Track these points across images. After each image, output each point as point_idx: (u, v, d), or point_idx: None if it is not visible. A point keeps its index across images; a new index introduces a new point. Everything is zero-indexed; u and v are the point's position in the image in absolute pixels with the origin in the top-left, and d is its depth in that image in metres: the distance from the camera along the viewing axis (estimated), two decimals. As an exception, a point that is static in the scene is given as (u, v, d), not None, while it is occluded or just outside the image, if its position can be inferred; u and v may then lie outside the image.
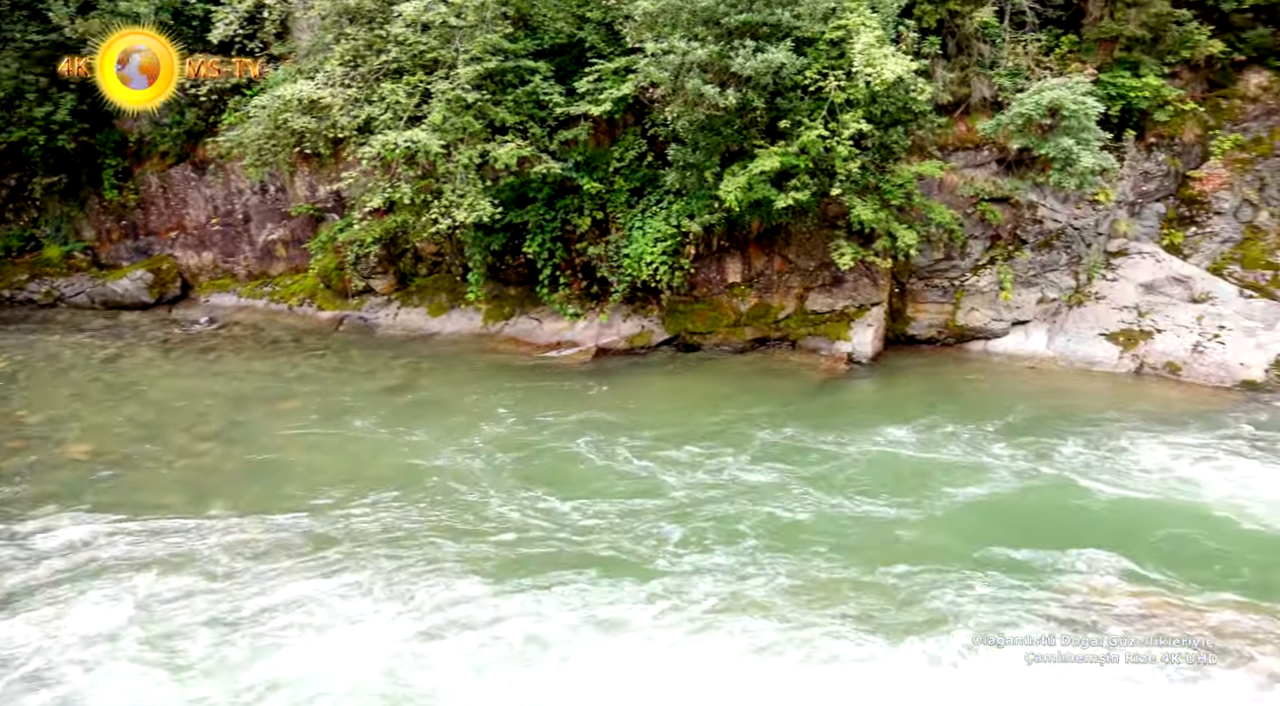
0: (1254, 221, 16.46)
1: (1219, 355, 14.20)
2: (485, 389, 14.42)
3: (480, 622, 8.18)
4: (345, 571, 9.04)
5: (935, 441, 12.06)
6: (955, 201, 15.14)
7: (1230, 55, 16.39)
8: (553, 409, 13.41)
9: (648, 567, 9.06)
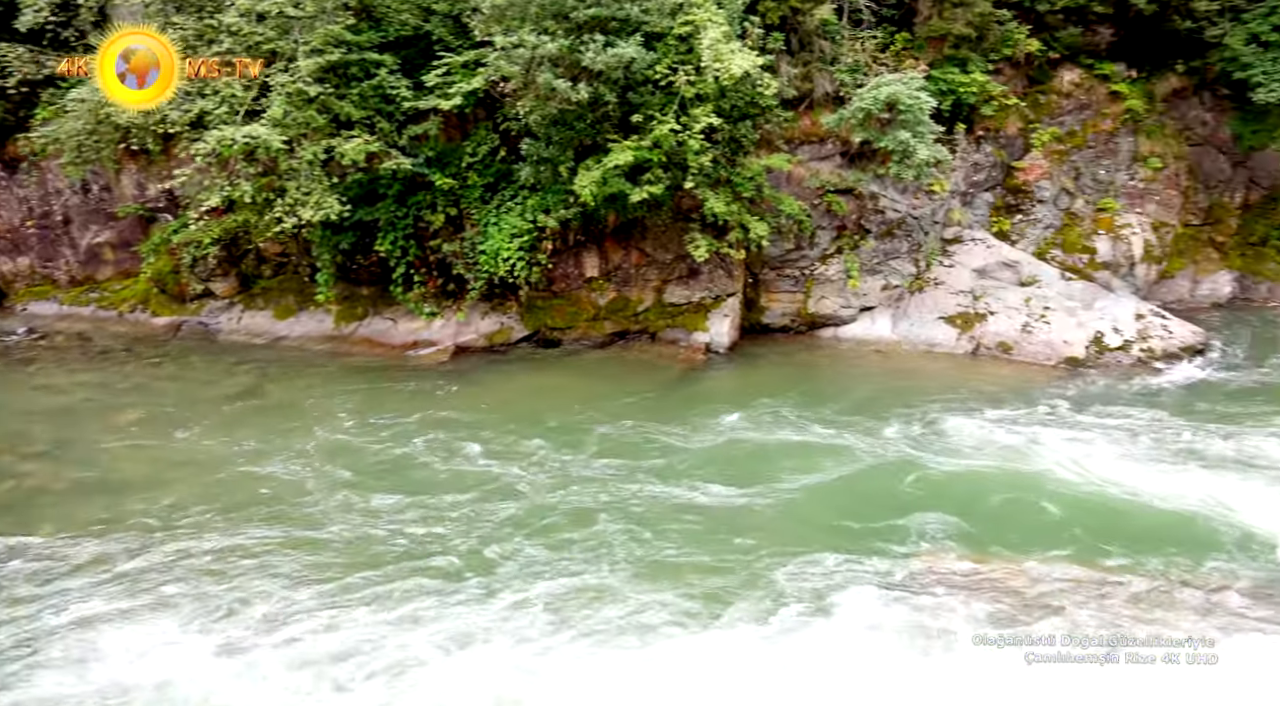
0: (1071, 208, 17.72)
1: (1045, 334, 15.24)
2: (333, 393, 13.95)
3: (308, 636, 7.92)
4: (166, 588, 8.64)
5: (787, 425, 12.44)
6: (803, 193, 15.64)
7: (1046, 53, 17.57)
8: (401, 411, 13.12)
9: (484, 567, 8.99)
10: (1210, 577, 8.47)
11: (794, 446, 11.82)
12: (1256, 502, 9.69)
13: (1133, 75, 18.17)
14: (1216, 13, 17.15)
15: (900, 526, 9.60)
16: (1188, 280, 18.14)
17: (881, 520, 9.77)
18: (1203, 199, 18.69)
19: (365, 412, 13.10)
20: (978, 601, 8.19)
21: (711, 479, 10.83)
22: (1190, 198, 18.44)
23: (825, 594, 8.37)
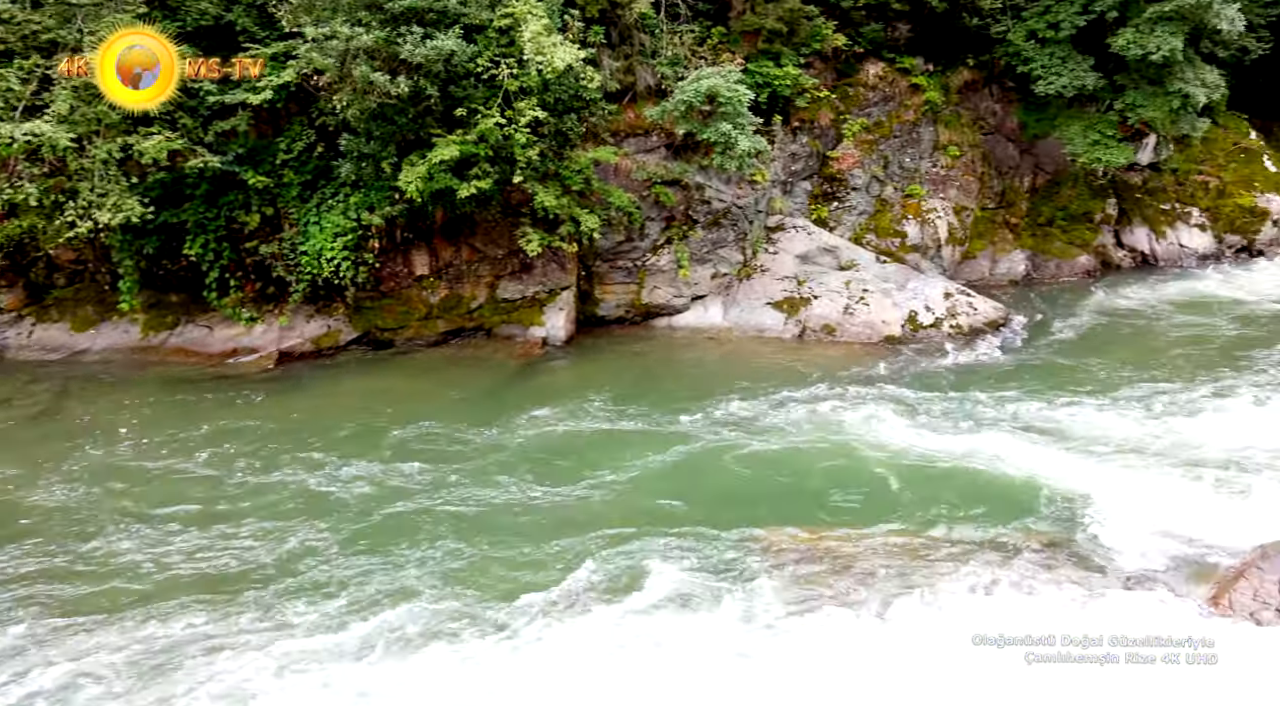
0: (882, 195, 18.74)
1: (865, 315, 16.05)
2: (133, 407, 12.96)
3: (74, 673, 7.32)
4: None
5: (622, 415, 12.55)
6: (631, 185, 15.80)
7: (852, 48, 18.49)
8: (200, 423, 12.30)
9: (263, 581, 8.58)
10: (1016, 534, 9.13)
11: (629, 435, 11.93)
12: (1057, 464, 10.53)
13: (930, 69, 19.39)
14: (1000, 11, 18.53)
15: (733, 507, 9.87)
16: (987, 260, 19.53)
17: (714, 502, 10.03)
18: (997, 184, 20.18)
19: (158, 427, 12.20)
20: (815, 574, 8.48)
21: (543, 473, 10.77)
22: (986, 183, 19.87)
23: (651, 580, 8.42)
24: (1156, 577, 8.16)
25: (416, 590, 8.35)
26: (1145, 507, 9.34)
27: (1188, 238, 21.05)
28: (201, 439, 11.82)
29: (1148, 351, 14.90)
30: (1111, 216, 20.69)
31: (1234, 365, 13.87)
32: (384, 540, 9.29)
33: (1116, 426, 11.56)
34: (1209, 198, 21.56)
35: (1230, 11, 16.59)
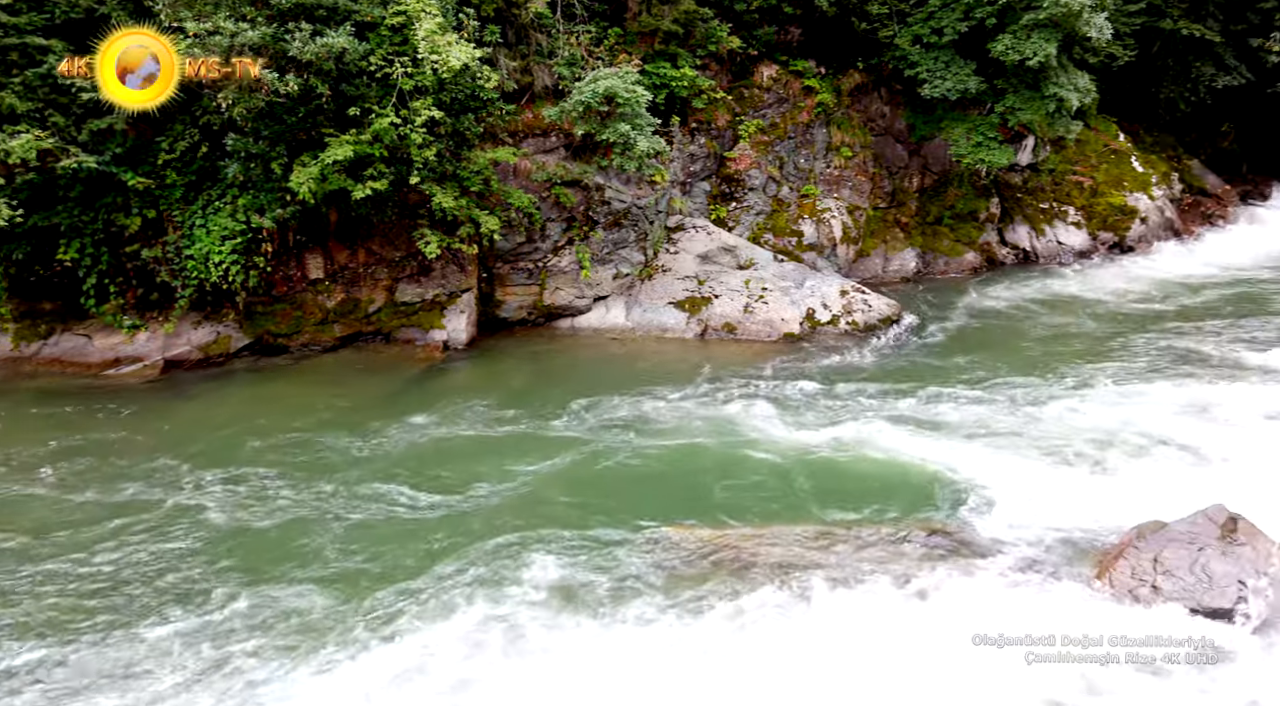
0: (778, 195, 19.09)
1: (765, 313, 16.32)
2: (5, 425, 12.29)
3: None
4: None
5: (522, 417, 12.43)
6: (531, 186, 15.70)
7: (747, 50, 18.78)
8: (53, 440, 11.49)
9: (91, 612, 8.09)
10: (911, 524, 9.40)
11: (528, 437, 11.83)
12: (947, 455, 10.89)
13: (822, 71, 19.86)
14: (887, 16, 19.11)
15: (633, 506, 9.86)
16: (880, 258, 20.11)
17: (613, 502, 10.01)
18: (888, 184, 20.80)
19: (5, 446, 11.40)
20: (714, 571, 8.55)
21: (436, 479, 10.56)
22: (878, 183, 20.46)
23: (537, 582, 8.35)
24: (1044, 560, 8.54)
25: (275, 611, 8.03)
26: (1030, 494, 9.76)
27: (1065, 235, 22.11)
28: (48, 455, 11.06)
29: (1026, 345, 15.57)
30: (995, 215, 21.57)
31: (1099, 357, 14.61)
32: (246, 557, 8.90)
33: (1000, 417, 12.04)
34: (1083, 197, 22.70)
35: (1099, 20, 17.49)
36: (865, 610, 7.81)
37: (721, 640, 7.56)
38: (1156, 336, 15.58)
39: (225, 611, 8.03)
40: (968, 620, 7.52)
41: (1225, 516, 8.31)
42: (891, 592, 8.06)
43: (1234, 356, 14.25)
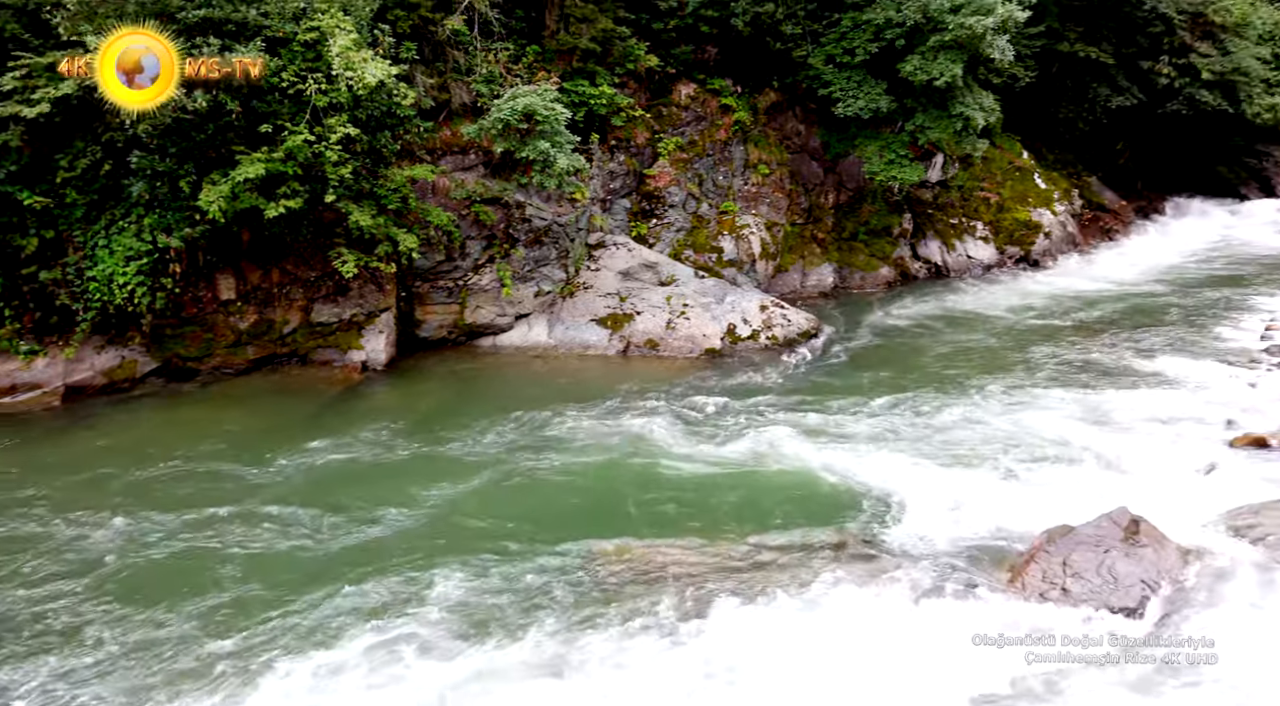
0: (698, 212, 19.30)
1: (687, 329, 16.45)
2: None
3: None
4: None
5: (441, 438, 12.25)
6: (450, 204, 15.56)
7: (664, 68, 19.00)
8: None
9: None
10: (832, 535, 9.52)
11: (446, 458, 11.66)
12: (865, 466, 11.09)
13: (739, 90, 20.19)
14: (800, 37, 19.53)
15: (554, 525, 9.80)
16: (798, 273, 20.47)
17: (533, 521, 9.92)
18: (804, 200, 21.21)
19: None
20: (636, 588, 8.53)
21: (349, 503, 10.29)
22: (794, 200, 20.85)
23: (448, 606, 8.22)
24: (958, 566, 8.75)
25: (159, 646, 7.75)
26: (943, 502, 10.00)
27: (974, 249, 22.84)
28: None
29: (937, 357, 16.00)
30: (908, 230, 22.16)
31: (1005, 368, 15.08)
32: (132, 591, 8.54)
33: (913, 428, 12.34)
34: (991, 212, 23.50)
35: (1001, 42, 18.17)
36: (782, 621, 7.89)
37: (638, 655, 7.54)
38: (1058, 347, 16.17)
39: (105, 649, 7.70)
40: (886, 628, 7.67)
41: (1128, 519, 8.65)
42: (809, 603, 8.15)
43: (1128, 364, 14.88)
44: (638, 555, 9.09)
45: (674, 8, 19.11)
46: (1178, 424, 12.09)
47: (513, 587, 8.56)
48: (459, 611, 8.15)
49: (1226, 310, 18.72)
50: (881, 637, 7.60)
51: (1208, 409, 12.58)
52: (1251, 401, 12.85)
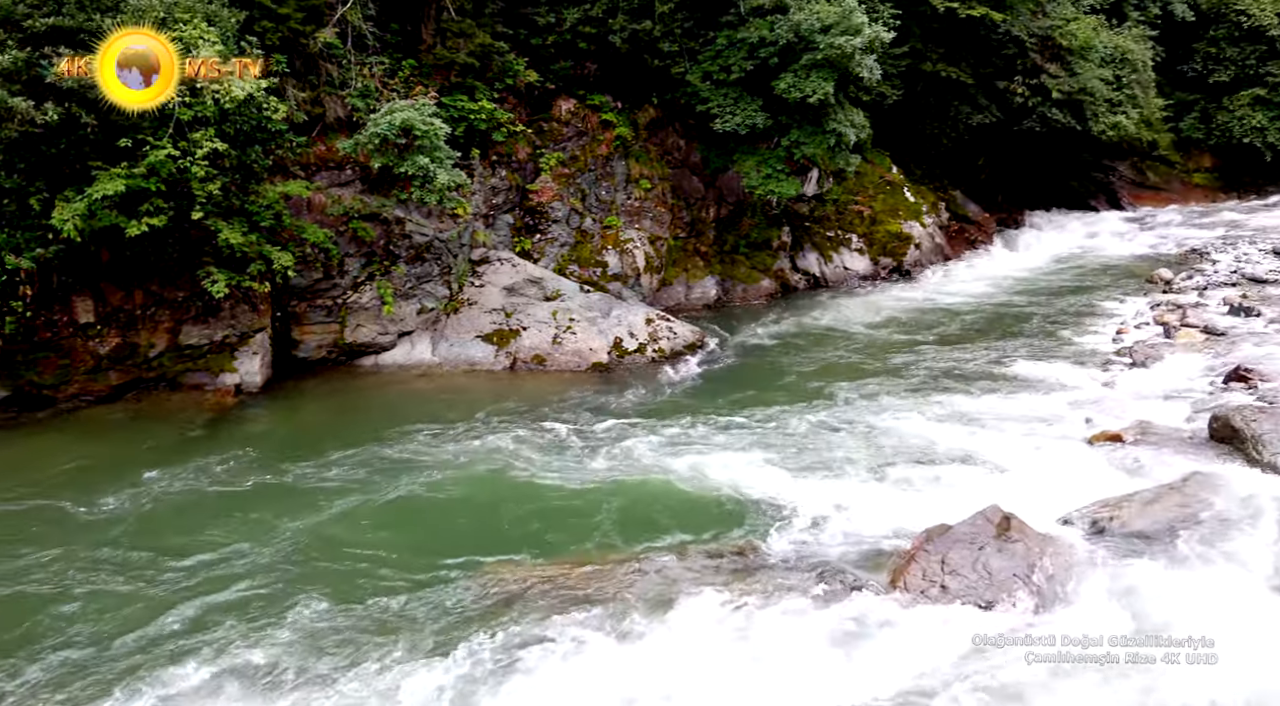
0: (582, 226, 19.33)
1: (573, 344, 16.43)
2: None
3: None
4: None
5: (318, 462, 11.86)
6: (326, 220, 15.14)
7: (544, 84, 18.99)
8: None
9: None
10: (720, 545, 9.65)
11: (320, 482, 11.30)
12: (751, 475, 11.26)
13: (619, 106, 20.35)
14: (678, 54, 19.84)
15: (437, 546, 9.61)
16: (682, 286, 20.73)
17: (414, 544, 9.72)
18: (686, 215, 21.51)
19: None
20: (526, 607, 8.42)
21: (212, 535, 9.82)
22: (677, 214, 21.12)
23: (312, 631, 7.99)
24: (843, 570, 8.97)
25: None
26: (826, 508, 10.25)
27: (850, 261, 23.60)
28: None
29: (818, 366, 16.43)
30: (787, 243, 22.74)
31: (881, 375, 15.57)
32: None
33: (795, 436, 12.62)
34: (864, 225, 24.35)
35: (869, 62, 18.88)
36: (662, 634, 7.89)
37: (514, 676, 7.44)
38: (929, 354, 16.84)
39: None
40: (768, 637, 7.77)
41: (1000, 516, 9.04)
42: (689, 615, 8.14)
43: (995, 369, 15.59)
44: (516, 574, 9.00)
45: (552, 24, 19.15)
46: (1042, 424, 12.74)
47: (379, 614, 8.32)
48: (310, 641, 7.87)
49: (1082, 315, 19.87)
50: (764, 646, 7.70)
51: (1068, 409, 13.30)
52: (1107, 400, 13.65)
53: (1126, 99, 29.04)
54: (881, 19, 20.27)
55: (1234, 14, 34.68)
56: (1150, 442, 11.69)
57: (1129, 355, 15.96)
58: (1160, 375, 14.72)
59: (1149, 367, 15.15)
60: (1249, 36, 34.58)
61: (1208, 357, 15.29)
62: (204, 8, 13.08)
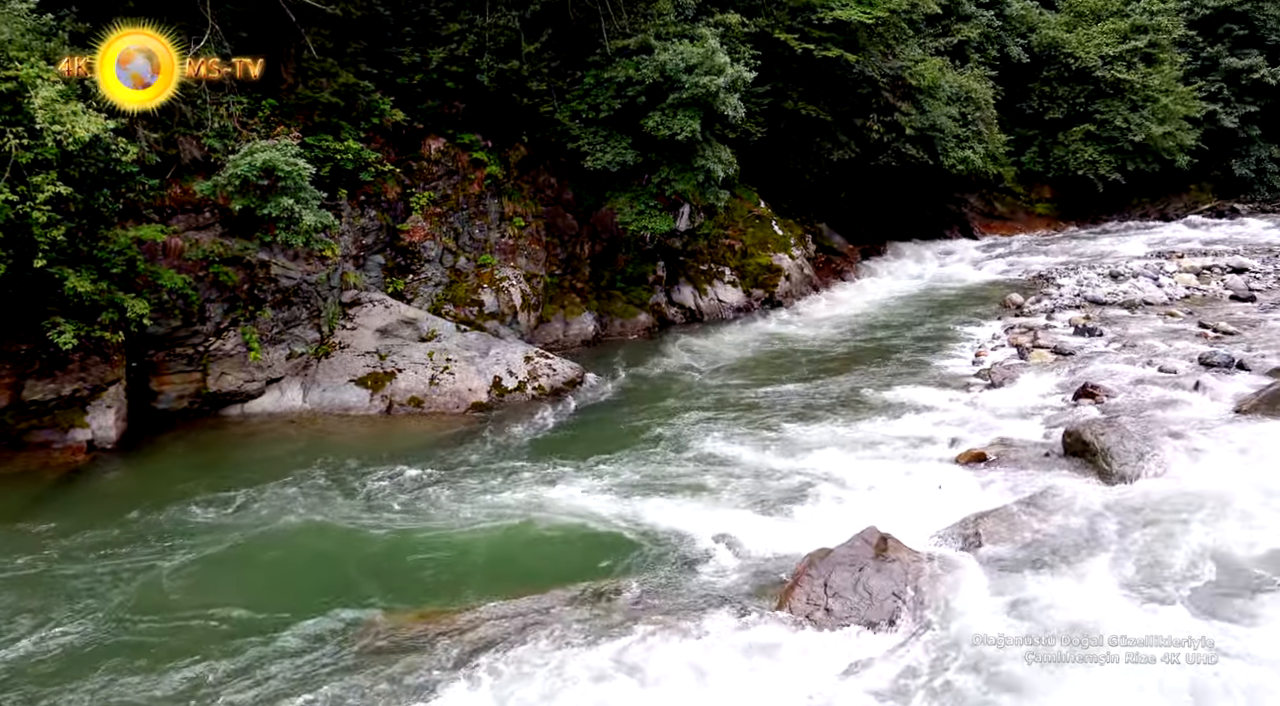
0: (456, 266, 19.11)
1: (451, 384, 16.15)
2: None
3: None
4: None
5: (178, 519, 11.26)
6: (185, 265, 14.47)
7: (412, 123, 18.77)
8: None
9: None
10: (614, 581, 9.59)
11: (183, 540, 10.69)
12: (641, 510, 11.23)
13: (489, 144, 20.29)
14: (546, 93, 19.98)
15: (313, 603, 9.22)
16: (560, 323, 20.71)
17: (287, 598, 9.36)
18: (562, 251, 21.55)
19: None
20: (412, 658, 8.18)
21: (62, 607, 9.17)
22: (552, 251, 21.14)
23: None
24: (734, 599, 9.04)
25: None
26: (715, 539, 10.32)
27: (724, 293, 24.11)
28: None
29: (697, 398, 16.63)
30: (662, 277, 23.05)
31: (759, 405, 15.93)
32: None
33: (680, 468, 12.72)
34: (736, 258, 24.94)
35: (733, 100, 19.46)
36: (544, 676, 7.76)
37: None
38: (801, 382, 17.29)
39: None
40: (661, 674, 7.74)
41: (878, 536, 9.30)
42: (577, 656, 8.03)
43: (865, 395, 16.13)
44: (385, 624, 8.72)
45: (418, 63, 18.98)
46: (912, 446, 13.23)
47: (245, 670, 7.93)
48: None
49: (942, 340, 20.83)
50: (650, 684, 7.65)
51: (935, 430, 13.86)
52: (970, 420, 14.30)
53: (972, 135, 30.90)
54: (743, 59, 20.99)
55: (1063, 56, 37.42)
56: (1011, 459, 12.29)
57: (988, 376, 16.79)
58: (1017, 394, 15.53)
59: (1006, 387, 15.97)
60: (1077, 77, 37.36)
61: (1059, 376, 16.22)
62: (42, 46, 12.43)
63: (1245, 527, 9.58)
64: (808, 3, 25.16)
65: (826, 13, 24.92)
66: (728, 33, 21.90)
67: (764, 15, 24.99)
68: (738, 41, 22.49)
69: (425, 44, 19.18)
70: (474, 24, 19.32)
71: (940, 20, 33.92)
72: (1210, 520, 9.72)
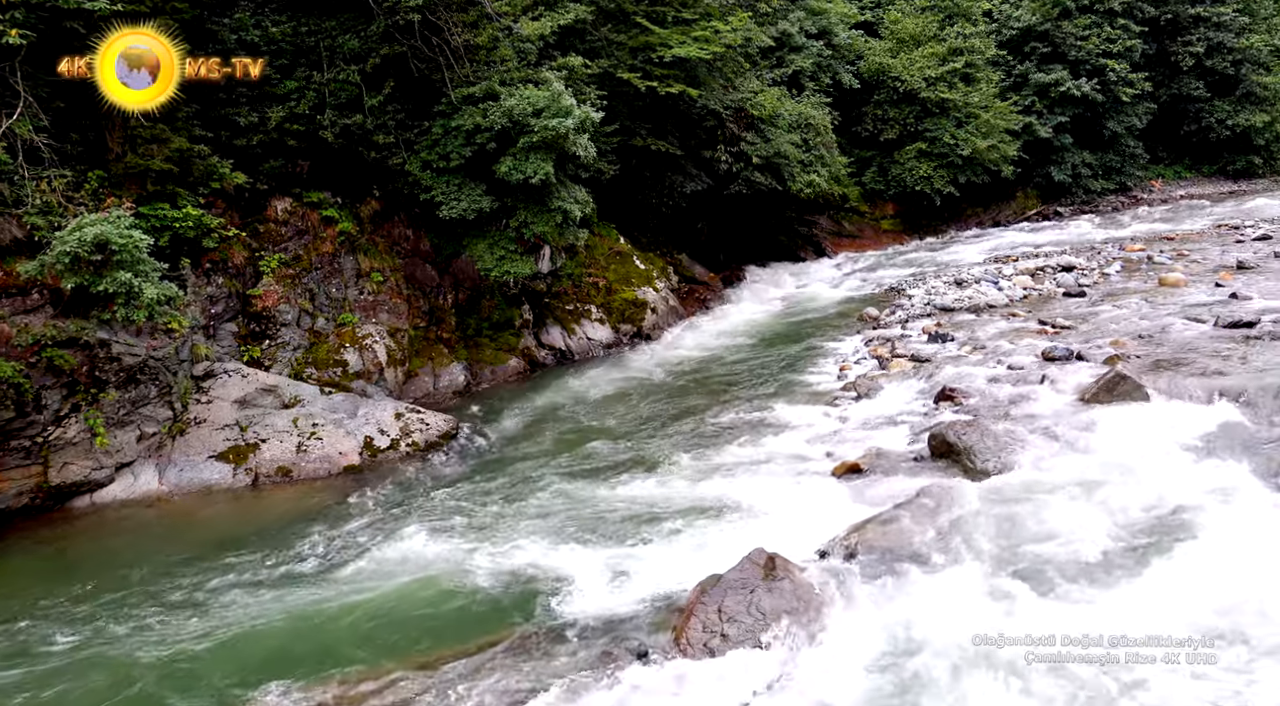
0: (314, 327, 18.49)
1: (320, 450, 15.54)
2: None
3: None
4: None
5: (21, 631, 10.40)
6: (14, 352, 13.46)
7: (255, 185, 18.14)
8: None
9: None
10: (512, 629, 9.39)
11: (28, 653, 9.90)
12: (532, 557, 11.06)
13: (339, 201, 19.82)
14: (394, 145, 19.70)
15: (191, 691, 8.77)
16: (429, 376, 20.28)
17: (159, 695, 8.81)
18: (424, 303, 21.16)
19: None
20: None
21: None
22: (414, 304, 20.73)
23: None
24: (628, 635, 8.97)
25: None
26: (602, 578, 10.27)
27: (593, 331, 24.16)
28: None
29: (576, 437, 16.55)
30: (529, 320, 22.93)
31: (638, 438, 15.98)
32: None
33: (566, 510, 12.61)
34: (601, 295, 25.07)
35: (584, 141, 19.65)
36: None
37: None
38: (677, 412, 17.47)
39: None
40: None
41: (765, 557, 9.42)
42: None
43: (740, 418, 16.40)
44: (318, 694, 8.27)
45: (256, 123, 18.41)
46: (788, 463, 13.51)
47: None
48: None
49: (807, 357, 21.42)
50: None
51: (809, 447, 14.21)
52: (842, 434, 14.73)
53: (815, 159, 32.15)
54: (589, 100, 21.22)
55: (890, 80, 39.49)
56: (883, 468, 12.71)
57: (853, 389, 17.34)
58: (882, 404, 16.10)
59: (872, 398, 16.55)
60: (905, 99, 39.47)
61: (919, 382, 16.92)
62: None
63: (1101, 508, 10.20)
64: (647, 42, 25.76)
65: (666, 51, 25.57)
66: (572, 75, 22.14)
67: (606, 56, 25.42)
68: (583, 83, 22.77)
69: (262, 103, 18.62)
70: (312, 80, 18.91)
71: (774, 52, 35.30)
72: (1069, 501, 10.31)
